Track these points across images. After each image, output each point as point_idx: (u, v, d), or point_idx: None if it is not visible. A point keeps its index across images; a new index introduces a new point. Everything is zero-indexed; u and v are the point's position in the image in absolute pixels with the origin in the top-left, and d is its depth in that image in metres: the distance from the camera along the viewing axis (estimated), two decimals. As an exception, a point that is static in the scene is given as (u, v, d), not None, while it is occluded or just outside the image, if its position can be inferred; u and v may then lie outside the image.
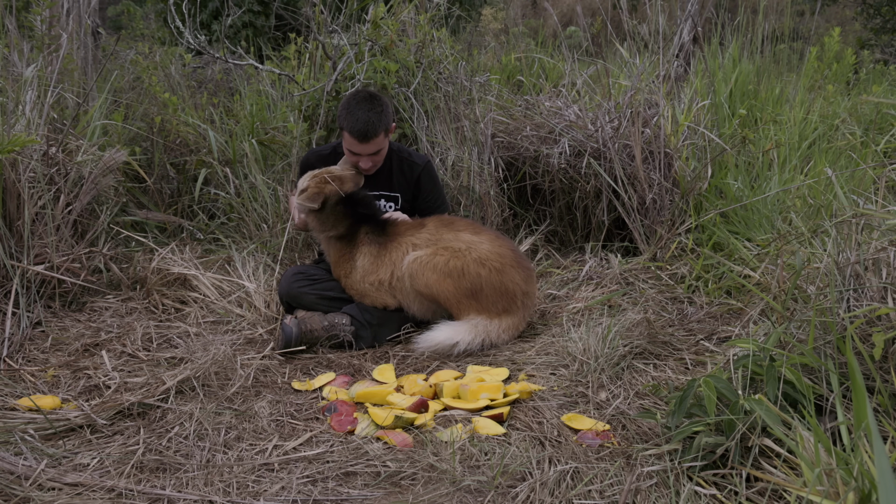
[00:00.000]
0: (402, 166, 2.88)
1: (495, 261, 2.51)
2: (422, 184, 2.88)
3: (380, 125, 2.61)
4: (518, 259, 2.60)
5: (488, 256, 2.51)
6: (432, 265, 2.49)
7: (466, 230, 2.62)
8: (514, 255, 2.60)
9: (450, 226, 2.63)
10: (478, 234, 2.61)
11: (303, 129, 3.48)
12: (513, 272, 2.53)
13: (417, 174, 2.87)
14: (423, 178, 2.88)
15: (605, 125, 3.49)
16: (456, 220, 2.70)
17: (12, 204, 2.70)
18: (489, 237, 2.61)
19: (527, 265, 2.63)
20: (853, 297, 1.79)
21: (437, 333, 2.45)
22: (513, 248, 2.64)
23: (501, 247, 2.58)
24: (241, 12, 7.51)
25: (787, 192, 3.18)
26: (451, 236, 2.58)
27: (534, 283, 2.65)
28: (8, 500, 1.55)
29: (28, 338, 2.51)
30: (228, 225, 3.62)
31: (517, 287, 2.53)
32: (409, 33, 3.58)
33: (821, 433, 1.42)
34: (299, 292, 2.65)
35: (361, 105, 2.61)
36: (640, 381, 2.17)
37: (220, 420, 1.97)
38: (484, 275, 2.49)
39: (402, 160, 2.88)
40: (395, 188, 2.89)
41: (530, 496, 1.59)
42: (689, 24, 4.84)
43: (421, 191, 2.90)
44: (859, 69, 6.16)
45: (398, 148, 2.90)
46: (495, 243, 2.58)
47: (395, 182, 2.88)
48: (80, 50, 4.11)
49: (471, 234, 2.60)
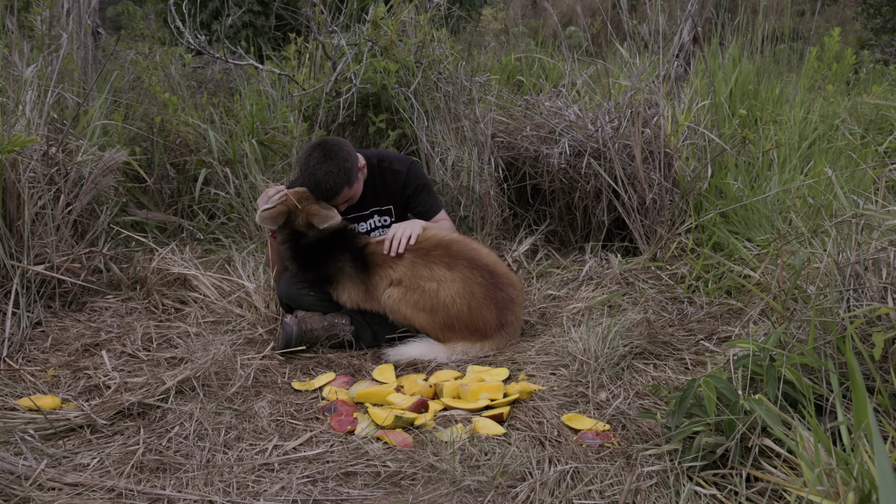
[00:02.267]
0: (385, 178, 2.83)
1: (463, 303, 2.47)
2: (409, 190, 2.84)
3: (341, 182, 2.55)
4: (490, 294, 2.50)
5: (455, 299, 2.47)
6: (405, 301, 2.51)
7: (441, 264, 2.53)
8: (487, 290, 2.50)
9: (426, 258, 2.54)
10: (452, 268, 2.52)
11: (303, 129, 3.49)
12: (482, 310, 2.48)
13: (402, 181, 2.82)
14: (408, 183, 2.83)
15: (605, 125, 3.49)
16: (433, 246, 2.57)
17: (12, 204, 2.70)
18: (462, 274, 2.51)
19: (503, 295, 2.52)
20: (853, 297, 1.79)
21: (412, 349, 2.47)
22: (486, 282, 2.51)
23: (472, 283, 2.49)
24: (241, 12, 7.51)
25: (787, 192, 3.18)
26: (425, 272, 2.52)
27: (515, 305, 2.55)
28: (8, 500, 1.55)
29: (28, 338, 2.51)
30: (228, 225, 3.62)
31: (488, 324, 2.49)
32: (409, 33, 3.58)
33: (821, 433, 1.42)
34: (298, 293, 2.65)
35: (320, 164, 2.52)
36: (640, 381, 2.17)
37: (220, 420, 1.97)
38: (454, 313, 2.47)
39: (385, 171, 2.82)
40: (385, 201, 2.85)
41: (530, 496, 1.59)
42: (689, 24, 4.84)
43: (409, 198, 2.85)
44: (859, 69, 6.16)
45: (379, 159, 2.84)
46: (467, 281, 2.49)
47: (383, 195, 2.84)
48: (80, 50, 4.11)
49: (445, 268, 2.52)
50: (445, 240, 2.59)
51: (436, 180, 3.31)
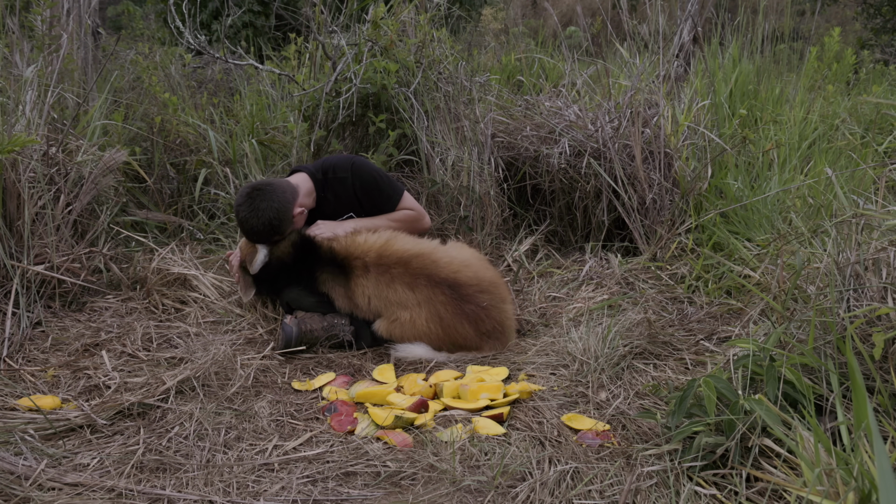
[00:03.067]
0: (334, 189, 2.82)
1: (436, 326, 2.45)
2: (359, 193, 2.82)
3: (268, 234, 2.58)
4: (458, 310, 2.43)
5: (427, 324, 2.45)
6: (391, 331, 2.51)
7: (403, 283, 2.48)
8: (453, 308, 2.43)
9: (388, 275, 2.49)
10: (413, 288, 2.47)
11: (303, 129, 3.49)
12: (456, 328, 2.45)
13: (350, 186, 2.81)
14: (356, 186, 2.81)
15: (605, 125, 3.49)
16: (394, 263, 2.50)
17: (12, 204, 2.70)
18: (424, 295, 2.45)
19: (471, 307, 2.44)
20: (853, 297, 1.79)
21: (417, 348, 2.48)
22: (449, 299, 2.44)
23: (436, 303, 2.44)
24: (241, 12, 7.52)
25: (787, 192, 3.18)
26: (392, 296, 2.48)
27: (493, 311, 2.47)
28: (8, 500, 1.55)
29: (28, 338, 2.51)
30: (228, 225, 3.62)
31: (467, 338, 2.46)
32: (409, 33, 3.58)
33: (821, 433, 1.42)
34: (298, 295, 2.65)
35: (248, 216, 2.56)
36: (640, 381, 2.17)
37: (220, 420, 1.97)
38: (433, 336, 2.46)
39: (331, 182, 2.81)
40: (343, 211, 2.85)
41: (530, 496, 1.59)
42: (689, 24, 4.84)
43: (362, 200, 2.83)
44: (859, 69, 6.16)
45: (323, 171, 2.82)
46: (431, 303, 2.45)
47: (339, 207, 2.84)
48: (80, 50, 4.11)
49: (407, 289, 2.47)
50: (406, 255, 2.50)
51: (436, 180, 3.31)
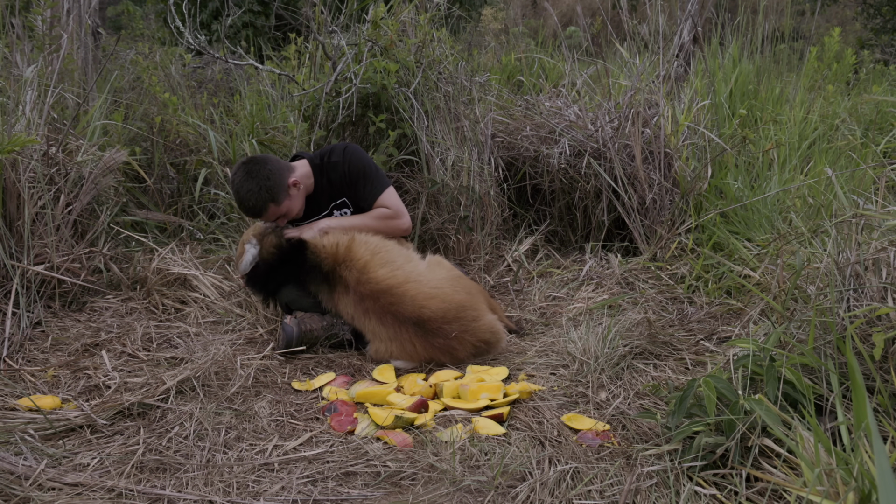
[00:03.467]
0: (329, 173, 2.82)
1: (412, 358, 2.39)
2: (346, 179, 2.81)
3: (264, 200, 2.57)
4: (427, 344, 2.35)
5: (403, 353, 2.39)
6: (370, 348, 2.48)
7: (374, 317, 2.40)
8: (422, 343, 2.35)
9: (361, 306, 2.42)
10: (384, 324, 2.38)
11: (303, 129, 3.49)
12: (432, 357, 2.38)
13: (341, 171, 2.80)
14: (345, 171, 2.80)
15: (605, 125, 3.49)
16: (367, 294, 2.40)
17: (12, 204, 2.70)
18: (394, 331, 2.37)
19: (440, 341, 2.34)
20: (853, 297, 1.79)
21: (400, 363, 2.45)
22: (416, 336, 2.35)
23: (405, 340, 2.36)
24: (241, 12, 7.52)
25: (787, 192, 3.18)
26: (368, 326, 2.43)
27: (468, 335, 2.36)
28: (8, 500, 1.55)
29: (28, 338, 2.51)
30: (228, 225, 3.62)
31: (452, 360, 2.39)
32: (409, 33, 3.58)
33: (821, 433, 1.42)
34: (297, 295, 2.65)
35: (242, 183, 2.56)
36: (640, 381, 2.17)
37: (220, 420, 1.97)
38: (415, 359, 2.40)
39: (327, 166, 2.81)
40: (338, 194, 2.85)
41: (530, 496, 1.59)
42: (689, 24, 4.84)
43: (349, 189, 2.82)
44: (859, 69, 6.16)
45: (321, 156, 2.83)
46: (400, 339, 2.36)
47: (335, 189, 2.84)
48: (80, 50, 4.11)
49: (378, 323, 2.40)
50: (377, 289, 2.38)
51: (436, 180, 3.31)
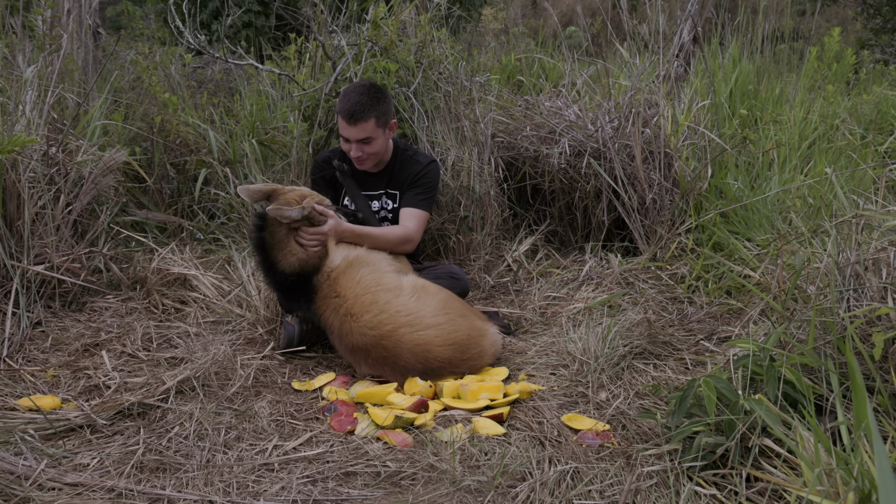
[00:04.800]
0: (404, 165, 2.87)
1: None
2: (415, 180, 2.83)
3: (370, 109, 2.61)
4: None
5: None
6: None
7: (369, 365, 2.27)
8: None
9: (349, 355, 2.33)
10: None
11: (303, 129, 3.48)
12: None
13: (415, 172, 2.84)
14: (420, 175, 2.84)
15: (605, 125, 3.49)
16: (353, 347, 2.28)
17: (12, 204, 2.70)
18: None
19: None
20: (853, 297, 1.79)
21: None
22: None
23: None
24: (241, 12, 7.52)
25: (787, 192, 3.18)
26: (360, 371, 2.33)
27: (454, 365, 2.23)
28: (8, 500, 1.55)
29: (28, 338, 2.51)
30: (228, 225, 3.62)
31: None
32: (409, 33, 3.58)
33: (821, 433, 1.42)
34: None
35: (357, 89, 2.65)
36: (640, 381, 2.17)
37: (220, 420, 1.97)
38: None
39: (406, 160, 2.88)
40: (395, 185, 2.89)
41: (530, 496, 1.59)
42: (689, 24, 4.84)
43: (413, 185, 2.83)
44: (859, 69, 6.16)
45: (406, 147, 2.92)
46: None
47: (396, 180, 2.89)
48: (80, 50, 4.10)
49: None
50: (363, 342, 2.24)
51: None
